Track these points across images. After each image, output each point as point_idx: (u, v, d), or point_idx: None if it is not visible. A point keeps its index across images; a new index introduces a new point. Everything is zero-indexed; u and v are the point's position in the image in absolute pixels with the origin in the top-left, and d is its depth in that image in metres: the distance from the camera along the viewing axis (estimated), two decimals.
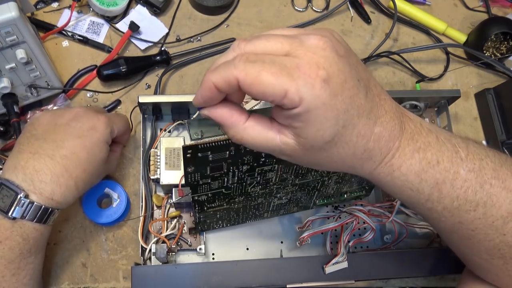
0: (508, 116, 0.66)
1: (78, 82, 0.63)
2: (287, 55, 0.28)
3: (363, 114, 0.29)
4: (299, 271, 0.50)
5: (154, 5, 0.67)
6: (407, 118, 0.34)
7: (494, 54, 0.72)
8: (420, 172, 0.33)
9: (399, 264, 0.52)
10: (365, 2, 0.74)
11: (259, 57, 0.27)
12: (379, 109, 0.31)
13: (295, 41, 0.28)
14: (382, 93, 0.32)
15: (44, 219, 0.45)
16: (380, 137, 0.31)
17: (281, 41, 0.28)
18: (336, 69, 0.27)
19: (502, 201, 0.35)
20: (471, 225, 0.36)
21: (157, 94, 0.62)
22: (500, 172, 0.35)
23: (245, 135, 0.30)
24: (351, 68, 0.29)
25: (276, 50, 0.28)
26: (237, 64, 0.27)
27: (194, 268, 0.49)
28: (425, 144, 0.33)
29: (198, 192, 0.45)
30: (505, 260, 0.38)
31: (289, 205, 0.55)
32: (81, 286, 0.55)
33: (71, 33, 0.64)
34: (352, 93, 0.28)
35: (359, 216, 0.52)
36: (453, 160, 0.34)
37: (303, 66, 0.27)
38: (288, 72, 0.26)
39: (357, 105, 0.29)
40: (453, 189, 0.34)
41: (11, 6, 0.48)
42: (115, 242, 0.57)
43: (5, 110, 0.55)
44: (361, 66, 0.31)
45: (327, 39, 0.28)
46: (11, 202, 0.43)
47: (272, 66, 0.26)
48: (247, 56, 0.27)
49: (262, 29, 0.70)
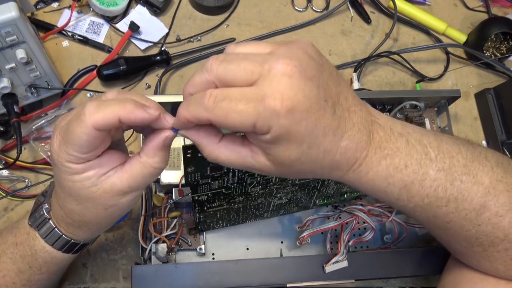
0: (508, 116, 0.66)
1: (78, 82, 0.63)
2: (255, 85, 0.29)
3: (329, 133, 0.31)
4: (299, 270, 0.50)
5: (154, 5, 0.67)
6: (377, 126, 0.34)
7: (494, 54, 0.72)
8: (387, 177, 0.35)
9: (399, 264, 0.52)
10: (365, 2, 0.74)
11: (225, 93, 0.29)
12: (347, 123, 0.32)
13: (264, 68, 0.29)
14: (352, 105, 0.33)
15: (54, 242, 0.42)
16: (347, 149, 0.32)
17: (250, 69, 0.29)
18: (302, 96, 0.29)
19: (473, 195, 0.36)
20: (445, 218, 0.38)
21: (157, 94, 0.62)
22: (472, 167, 0.37)
23: (219, 154, 0.32)
24: (320, 89, 0.30)
25: (245, 79, 0.29)
26: (206, 106, 0.29)
27: (194, 268, 0.49)
28: (393, 150, 0.34)
29: (198, 192, 0.45)
30: (483, 247, 0.39)
31: (289, 205, 0.55)
32: (81, 286, 0.55)
33: (71, 33, 0.64)
34: (318, 115, 0.30)
35: (359, 215, 0.52)
36: (422, 162, 0.35)
37: (269, 98, 0.28)
38: (255, 106, 0.28)
39: (323, 125, 0.30)
40: (422, 189, 0.36)
41: (11, 6, 0.48)
42: (115, 242, 0.57)
43: (5, 110, 0.55)
44: (333, 80, 0.32)
45: (296, 62, 0.29)
46: (35, 208, 0.43)
47: (239, 103, 0.28)
48: (215, 96, 0.29)
49: (262, 29, 0.70)
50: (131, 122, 0.32)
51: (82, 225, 0.41)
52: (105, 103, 0.32)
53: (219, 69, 0.30)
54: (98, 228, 0.43)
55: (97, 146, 0.33)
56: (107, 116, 0.31)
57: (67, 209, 0.39)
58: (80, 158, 0.33)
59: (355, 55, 0.71)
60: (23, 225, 0.43)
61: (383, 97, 0.59)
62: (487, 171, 0.37)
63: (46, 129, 0.59)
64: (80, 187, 0.35)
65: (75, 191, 0.36)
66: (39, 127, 0.59)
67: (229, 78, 0.30)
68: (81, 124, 0.31)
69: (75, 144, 0.32)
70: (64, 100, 0.61)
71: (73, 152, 0.33)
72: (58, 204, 0.40)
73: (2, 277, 0.43)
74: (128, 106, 0.31)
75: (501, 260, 0.40)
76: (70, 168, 0.34)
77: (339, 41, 0.72)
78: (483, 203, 0.37)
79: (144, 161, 0.35)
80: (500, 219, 0.37)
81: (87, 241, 0.45)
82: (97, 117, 0.31)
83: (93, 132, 0.31)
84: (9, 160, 0.56)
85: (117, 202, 0.37)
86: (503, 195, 0.37)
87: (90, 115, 0.31)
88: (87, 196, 0.36)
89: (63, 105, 0.60)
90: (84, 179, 0.35)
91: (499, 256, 0.39)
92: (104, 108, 0.31)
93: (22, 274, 0.44)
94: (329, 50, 0.71)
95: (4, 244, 0.44)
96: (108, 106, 0.31)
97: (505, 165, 0.39)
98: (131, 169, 0.35)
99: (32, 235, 0.42)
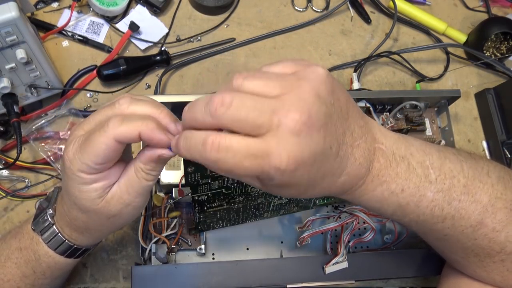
0: (508, 116, 0.66)
1: (78, 82, 0.63)
2: (261, 138, 0.28)
3: (328, 175, 0.31)
4: (299, 271, 0.50)
5: (154, 5, 0.67)
6: (379, 154, 0.34)
7: (494, 54, 0.72)
8: (382, 200, 0.35)
9: (399, 264, 0.52)
10: (365, 2, 0.74)
11: (229, 144, 0.27)
12: (348, 160, 0.32)
13: (273, 123, 0.27)
14: (357, 139, 0.33)
15: (57, 247, 0.42)
16: (344, 183, 0.33)
17: (259, 123, 0.27)
18: (307, 153, 0.28)
19: (470, 213, 0.36)
20: (441, 232, 0.38)
21: (157, 94, 0.62)
22: (471, 187, 0.36)
23: None
24: (326, 138, 0.29)
25: (251, 132, 0.28)
26: (208, 157, 0.28)
27: (194, 268, 0.49)
28: (391, 176, 0.34)
29: (198, 192, 0.45)
30: (480, 258, 0.39)
31: (289, 205, 0.55)
32: (81, 286, 0.55)
33: (71, 33, 0.64)
34: (321, 164, 0.30)
35: (359, 216, 0.52)
36: (421, 185, 0.35)
37: (274, 156, 0.27)
38: (260, 163, 0.27)
39: (323, 170, 0.31)
40: (418, 209, 0.36)
41: (11, 6, 0.48)
42: (115, 242, 0.56)
43: (5, 110, 0.55)
44: (342, 118, 0.31)
45: (305, 117, 0.27)
46: (39, 212, 0.43)
47: (244, 160, 0.27)
48: (217, 146, 0.27)
49: (262, 29, 0.70)
50: (148, 140, 0.33)
51: (85, 231, 0.41)
52: (129, 117, 0.33)
53: (225, 118, 0.28)
54: (101, 235, 0.44)
55: (111, 159, 0.34)
56: (129, 130, 0.32)
57: (72, 215, 0.39)
58: (93, 169, 0.34)
59: (355, 55, 0.71)
60: (27, 230, 0.43)
61: (383, 97, 0.59)
62: (487, 189, 0.37)
63: (46, 129, 0.59)
64: (85, 197, 0.36)
65: (80, 200, 0.36)
66: (39, 127, 0.59)
67: (235, 128, 0.28)
68: (103, 134, 0.32)
69: (92, 153, 0.33)
70: (64, 100, 0.61)
71: (88, 161, 0.34)
72: (64, 210, 0.40)
73: (7, 281, 0.43)
74: (150, 125, 0.33)
75: (497, 271, 0.40)
76: (80, 177, 0.35)
77: (339, 41, 0.72)
78: (480, 220, 0.37)
79: (137, 166, 0.36)
80: (497, 234, 0.37)
81: (89, 246, 0.45)
82: (120, 129, 0.32)
83: (112, 144, 0.33)
84: (9, 160, 0.56)
85: (119, 212, 0.37)
86: (501, 212, 0.37)
87: (114, 127, 0.32)
88: (91, 207, 0.36)
89: (63, 105, 0.60)
90: (91, 191, 0.35)
91: (495, 266, 0.39)
92: (128, 123, 0.32)
93: (27, 278, 0.44)
94: (329, 50, 0.71)
95: (8, 249, 0.44)
96: (132, 120, 0.33)
97: (506, 179, 0.38)
98: (127, 174, 0.36)
99: (36, 240, 0.43)
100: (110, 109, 0.35)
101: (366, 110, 0.59)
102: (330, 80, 0.30)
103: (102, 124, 0.33)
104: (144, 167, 0.35)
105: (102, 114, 0.35)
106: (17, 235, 0.44)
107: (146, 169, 0.36)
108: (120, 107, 0.34)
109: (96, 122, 0.35)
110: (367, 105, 0.58)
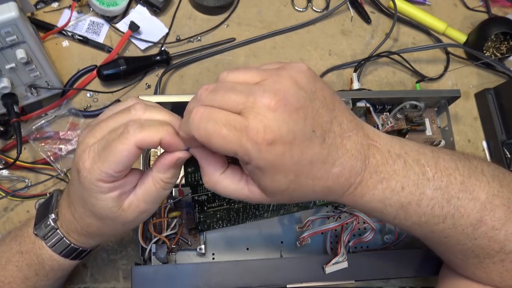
0: (508, 116, 0.66)
1: (78, 82, 0.63)
2: (240, 114, 0.30)
3: (317, 161, 0.31)
4: (299, 271, 0.50)
5: (154, 5, 0.67)
6: (374, 150, 0.35)
7: (494, 54, 0.72)
8: (384, 199, 0.35)
9: (399, 264, 0.52)
10: (365, 2, 0.74)
11: (212, 113, 0.30)
12: (338, 150, 0.32)
13: (249, 101, 0.29)
14: (347, 131, 0.33)
15: (62, 251, 0.43)
16: (340, 176, 0.33)
17: (236, 100, 0.30)
18: (285, 129, 0.29)
19: (470, 211, 0.37)
20: (442, 234, 0.38)
21: (157, 94, 0.62)
22: (468, 184, 0.37)
23: (218, 184, 0.34)
24: (307, 120, 0.30)
25: (231, 107, 0.30)
26: (192, 123, 0.30)
27: (194, 268, 0.49)
28: (389, 173, 0.35)
29: (198, 192, 0.45)
30: (479, 259, 0.40)
31: (289, 205, 0.55)
32: (81, 286, 0.55)
33: (71, 33, 0.64)
34: (303, 146, 0.30)
35: (359, 216, 0.52)
36: (419, 183, 0.35)
37: (251, 130, 0.29)
38: (238, 135, 0.29)
39: (310, 154, 0.31)
40: (419, 208, 0.36)
41: (11, 6, 0.48)
42: (115, 242, 0.56)
43: (5, 110, 0.55)
44: (326, 107, 0.32)
45: (280, 96, 0.29)
46: (41, 218, 0.43)
47: (223, 128, 0.29)
48: (201, 114, 0.30)
49: (262, 29, 0.70)
50: (168, 145, 0.33)
51: (97, 236, 0.41)
52: (147, 122, 0.33)
53: (207, 99, 0.31)
54: (112, 238, 0.45)
55: (130, 165, 0.34)
56: (150, 135, 0.33)
57: (84, 222, 0.39)
58: (112, 176, 0.34)
59: (355, 55, 0.71)
60: (28, 234, 0.43)
61: (383, 97, 0.59)
62: (483, 186, 0.37)
63: (46, 129, 0.59)
64: (102, 206, 0.36)
65: (97, 209, 0.36)
66: (39, 127, 0.59)
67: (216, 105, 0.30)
68: (124, 142, 0.32)
69: (113, 161, 0.33)
70: (64, 100, 0.61)
71: (108, 169, 0.33)
72: (74, 217, 0.40)
73: (8, 283, 0.43)
74: (171, 130, 0.33)
75: (496, 272, 0.40)
76: (99, 186, 0.34)
77: (339, 41, 0.72)
78: (479, 218, 0.37)
79: (155, 176, 0.36)
80: (496, 232, 0.37)
81: (94, 247, 0.45)
82: (141, 135, 0.32)
83: (133, 150, 0.33)
84: (9, 160, 0.56)
85: (135, 219, 0.38)
86: (499, 209, 0.37)
87: (135, 133, 0.32)
88: (108, 215, 0.37)
89: (63, 105, 0.60)
90: (108, 199, 0.35)
91: (494, 267, 0.40)
92: (148, 128, 0.33)
93: (28, 281, 0.44)
94: (329, 50, 0.71)
95: (8, 252, 0.44)
96: (151, 126, 0.33)
97: (501, 178, 0.39)
98: (144, 184, 0.36)
99: (39, 245, 0.43)
100: (126, 115, 0.35)
101: (366, 110, 0.59)
102: (312, 73, 0.32)
103: (118, 131, 0.33)
104: (163, 176, 0.36)
105: (116, 120, 0.35)
106: (17, 238, 0.44)
107: (165, 178, 0.36)
108: (136, 113, 0.34)
109: (110, 128, 0.35)
110: (367, 105, 0.58)
